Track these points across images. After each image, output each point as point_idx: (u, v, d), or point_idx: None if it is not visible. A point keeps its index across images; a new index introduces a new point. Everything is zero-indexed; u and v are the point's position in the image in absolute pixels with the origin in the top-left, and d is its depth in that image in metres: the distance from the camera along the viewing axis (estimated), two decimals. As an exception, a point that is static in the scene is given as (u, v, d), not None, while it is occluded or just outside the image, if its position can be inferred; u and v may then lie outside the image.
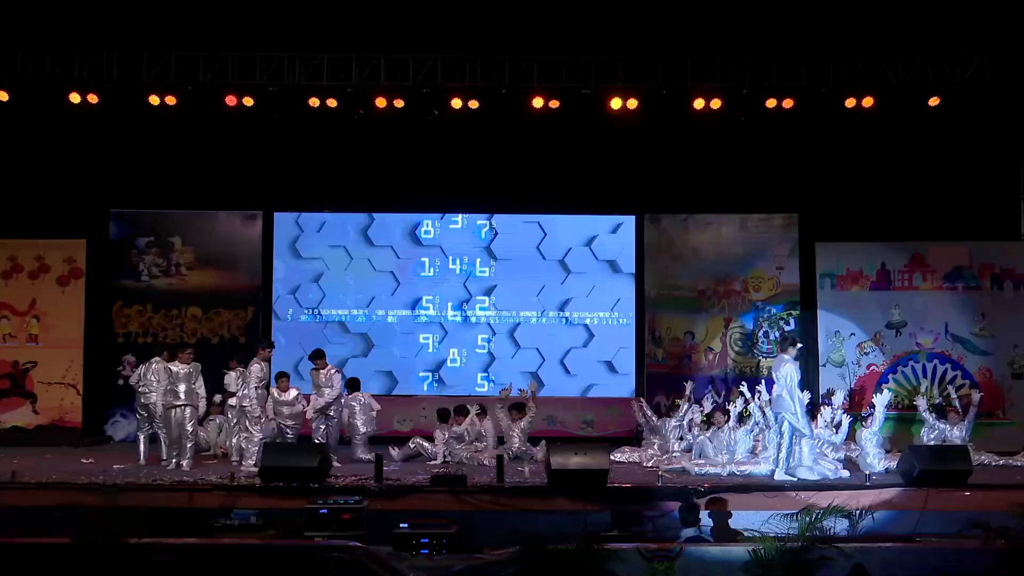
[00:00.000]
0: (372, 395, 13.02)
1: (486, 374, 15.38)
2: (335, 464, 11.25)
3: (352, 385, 12.57)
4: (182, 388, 11.65)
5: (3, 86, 13.63)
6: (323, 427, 11.88)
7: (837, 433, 11.67)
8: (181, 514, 9.62)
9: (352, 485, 10.16)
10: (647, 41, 13.88)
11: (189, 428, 11.61)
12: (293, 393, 11.82)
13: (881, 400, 11.77)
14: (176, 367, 11.78)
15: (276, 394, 11.75)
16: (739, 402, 12.05)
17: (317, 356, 12.10)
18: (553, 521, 9.49)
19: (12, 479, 10.22)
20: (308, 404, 11.93)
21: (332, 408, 11.96)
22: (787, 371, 10.73)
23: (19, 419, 14.48)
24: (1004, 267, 14.47)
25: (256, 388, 11.50)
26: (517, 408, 12.60)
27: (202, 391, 11.90)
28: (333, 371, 12.07)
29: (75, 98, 13.70)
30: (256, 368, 11.53)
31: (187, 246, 15.26)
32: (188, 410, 11.62)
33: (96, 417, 14.79)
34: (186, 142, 14.70)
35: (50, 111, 13.98)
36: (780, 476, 10.62)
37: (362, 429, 12.43)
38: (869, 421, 11.65)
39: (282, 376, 11.97)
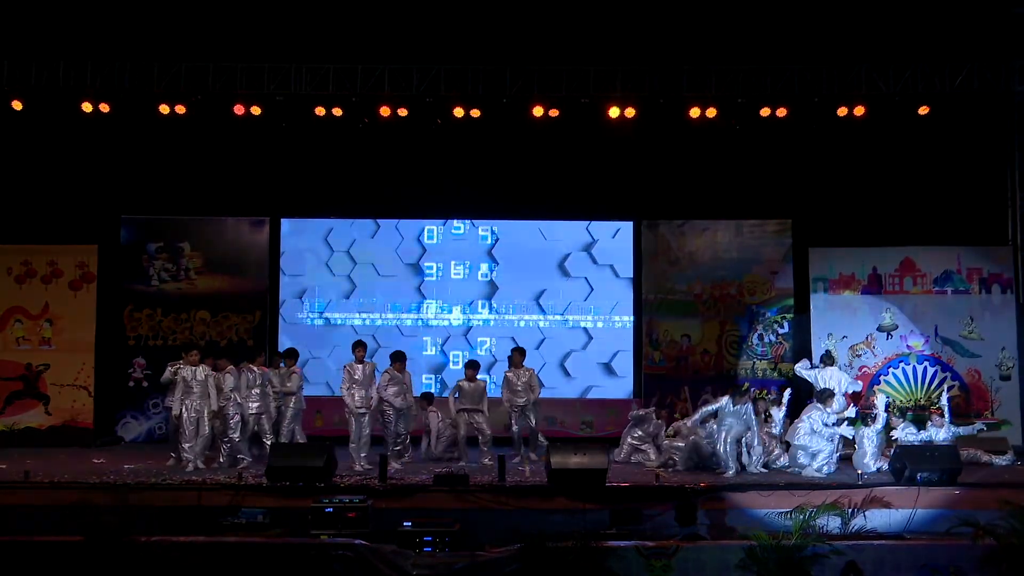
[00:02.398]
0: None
1: (487, 376, 15.34)
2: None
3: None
4: (256, 392, 11.85)
5: (18, 95, 13.70)
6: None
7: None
8: (190, 512, 9.62)
9: (357, 484, 10.16)
10: (645, 52, 13.92)
11: (267, 427, 11.90)
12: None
13: (881, 401, 11.95)
14: (252, 373, 11.91)
15: (388, 376, 11.85)
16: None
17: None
18: (553, 520, 9.51)
19: (26, 479, 10.22)
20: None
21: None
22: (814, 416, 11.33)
23: (32, 420, 14.45)
24: (992, 271, 14.46)
25: (350, 389, 11.66)
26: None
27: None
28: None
29: (87, 107, 13.76)
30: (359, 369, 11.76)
31: (196, 251, 15.24)
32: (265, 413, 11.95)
33: (107, 418, 14.77)
34: (195, 150, 14.73)
35: (63, 120, 14.05)
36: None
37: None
38: (871, 421, 11.68)
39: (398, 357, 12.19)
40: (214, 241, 15.30)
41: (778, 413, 11.98)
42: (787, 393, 12.17)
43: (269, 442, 11.65)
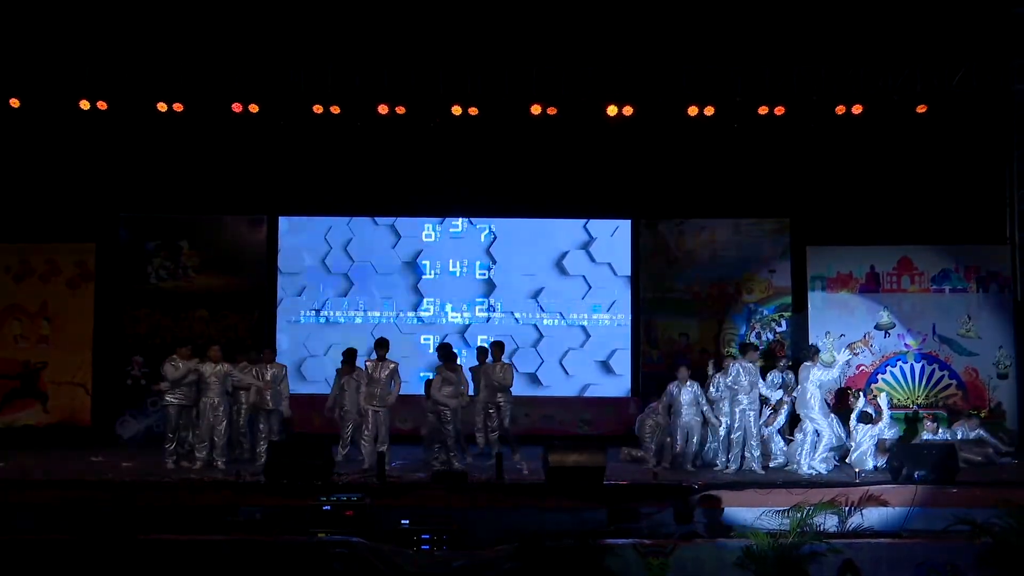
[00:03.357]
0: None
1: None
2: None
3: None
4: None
5: (15, 93, 13.70)
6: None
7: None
8: (189, 511, 9.63)
9: (355, 483, 10.19)
10: (643, 51, 13.93)
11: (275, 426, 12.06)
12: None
13: (884, 401, 12.11)
14: (269, 370, 12.08)
15: (441, 378, 11.87)
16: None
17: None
18: (551, 518, 9.53)
19: (23, 477, 10.24)
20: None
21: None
22: (814, 375, 11.45)
23: (31, 418, 14.47)
24: (990, 270, 14.49)
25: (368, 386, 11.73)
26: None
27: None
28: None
29: (85, 105, 13.77)
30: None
31: (194, 250, 15.25)
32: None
33: (105, 416, 14.76)
34: (193, 148, 14.71)
35: (61, 118, 14.05)
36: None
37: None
38: (874, 419, 11.79)
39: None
40: (212, 239, 15.31)
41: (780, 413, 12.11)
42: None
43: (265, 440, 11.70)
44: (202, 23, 13.72)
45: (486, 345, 13.11)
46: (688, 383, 12.00)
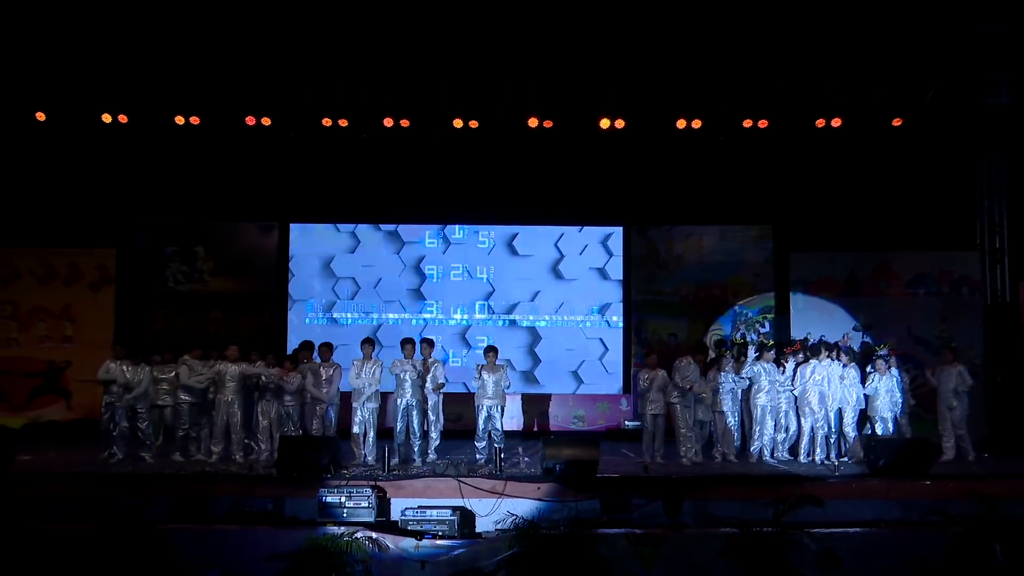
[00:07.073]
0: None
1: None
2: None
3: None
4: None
5: (41, 107, 13.75)
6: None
7: None
8: (202, 502, 9.62)
9: (361, 475, 10.18)
10: (635, 67, 13.97)
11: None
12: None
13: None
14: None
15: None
16: None
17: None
18: (546, 508, 9.52)
19: (47, 470, 10.24)
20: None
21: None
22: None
23: (55, 414, 14.50)
24: (962, 274, 14.55)
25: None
26: None
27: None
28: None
29: (107, 118, 13.81)
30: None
31: (209, 254, 15.30)
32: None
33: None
34: (209, 159, 14.76)
35: (84, 130, 14.10)
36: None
37: None
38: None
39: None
40: (227, 245, 15.35)
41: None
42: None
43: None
44: (218, 41, 13.74)
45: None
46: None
